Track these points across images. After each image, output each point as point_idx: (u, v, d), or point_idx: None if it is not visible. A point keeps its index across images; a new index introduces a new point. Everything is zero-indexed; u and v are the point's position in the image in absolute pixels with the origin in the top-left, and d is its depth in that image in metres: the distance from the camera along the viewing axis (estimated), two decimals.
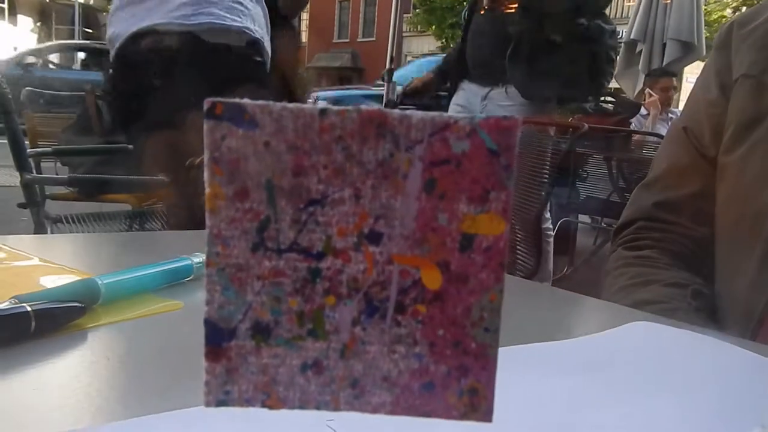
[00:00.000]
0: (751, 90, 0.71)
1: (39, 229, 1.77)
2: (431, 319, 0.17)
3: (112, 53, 1.43)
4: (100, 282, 0.44)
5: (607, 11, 2.35)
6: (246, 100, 0.16)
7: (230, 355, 0.17)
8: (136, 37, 1.37)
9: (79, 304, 0.40)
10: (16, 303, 0.37)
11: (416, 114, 0.16)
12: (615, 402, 0.33)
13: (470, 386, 0.18)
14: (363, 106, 0.16)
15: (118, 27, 1.40)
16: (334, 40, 29.79)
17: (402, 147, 0.17)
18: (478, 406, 0.18)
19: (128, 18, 1.38)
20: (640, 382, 0.36)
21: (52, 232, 1.75)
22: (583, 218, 3.57)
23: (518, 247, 1.98)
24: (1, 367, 0.34)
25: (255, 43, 1.43)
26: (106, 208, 1.95)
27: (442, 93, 2.70)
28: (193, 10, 1.35)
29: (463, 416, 0.18)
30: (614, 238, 0.88)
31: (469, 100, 2.33)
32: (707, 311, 0.72)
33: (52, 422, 0.29)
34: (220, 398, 0.17)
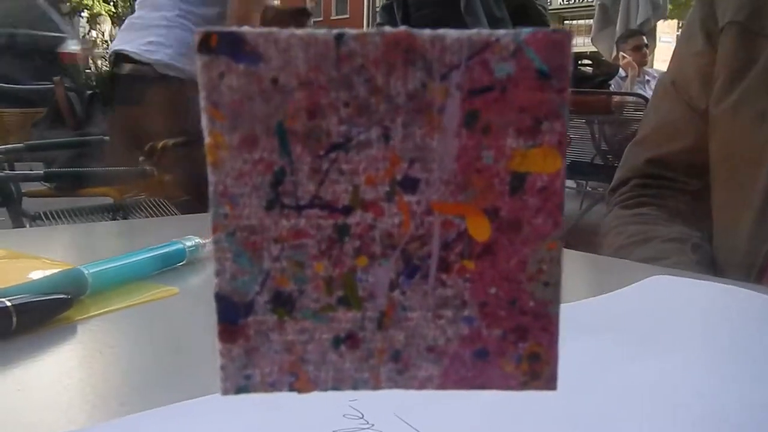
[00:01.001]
0: (738, 36, 0.70)
1: (17, 228, 1.72)
2: (481, 276, 0.15)
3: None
4: (86, 271, 0.41)
5: None
6: (246, 28, 0.14)
7: (248, 333, 0.15)
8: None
9: (65, 296, 0.37)
10: None
11: (450, 33, 0.14)
12: (648, 358, 0.31)
13: (530, 351, 0.15)
14: (387, 28, 0.14)
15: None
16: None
17: (436, 75, 0.14)
18: (540, 372, 0.15)
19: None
20: (669, 336, 0.34)
21: None
22: (569, 183, 3.57)
23: None
24: None
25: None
26: (86, 203, 1.90)
27: None
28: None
29: (523, 385, 0.15)
30: (609, 198, 0.87)
31: None
32: (707, 264, 0.71)
33: (43, 424, 0.26)
34: (240, 384, 0.15)
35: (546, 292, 0.15)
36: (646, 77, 4.04)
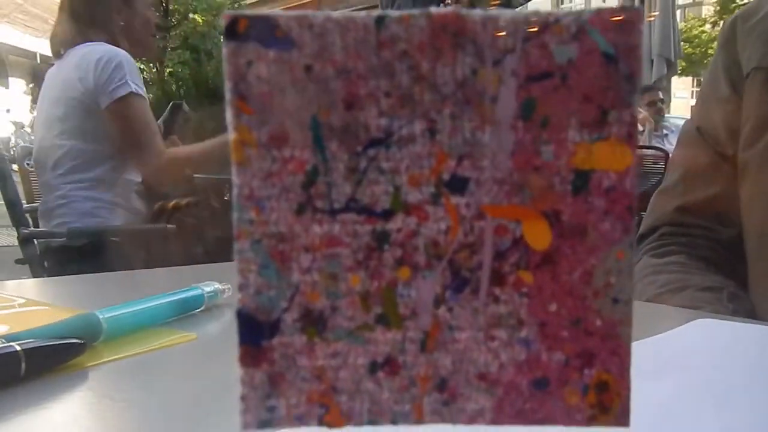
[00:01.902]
0: (765, 82, 0.69)
1: None
2: (540, 291, 0.13)
3: None
4: (101, 316, 0.39)
5: None
6: (278, 11, 0.12)
7: (273, 356, 0.13)
8: None
9: (78, 341, 0.35)
10: (4, 343, 0.33)
11: (504, 14, 0.12)
12: (701, 403, 0.28)
13: (598, 379, 0.13)
14: (434, 9, 0.12)
15: None
16: None
17: (488, 60, 0.12)
18: (610, 405, 0.13)
19: None
20: (719, 380, 0.31)
21: None
22: None
23: None
24: None
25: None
26: None
27: None
28: None
29: (591, 421, 0.13)
30: (637, 247, 0.85)
31: None
32: (745, 313, 0.68)
33: None
34: (262, 417, 0.13)
35: (615, 310, 0.13)
36: (664, 131, 4.05)
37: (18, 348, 0.32)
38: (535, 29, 0.12)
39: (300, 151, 0.13)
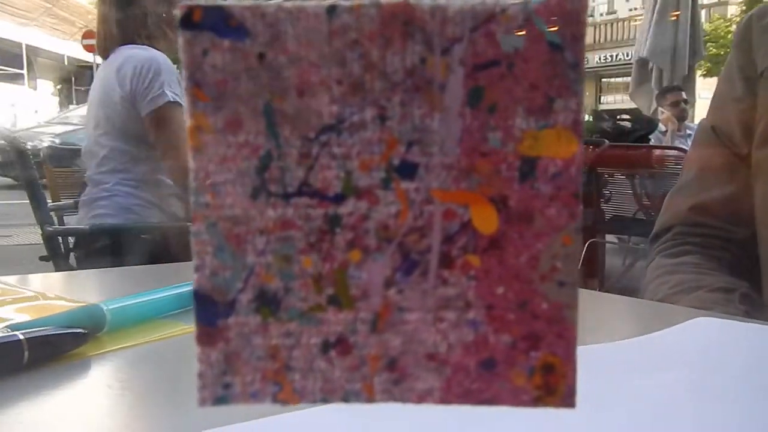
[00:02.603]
0: None
1: None
2: (487, 274, 0.13)
3: None
4: (105, 308, 0.40)
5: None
6: (231, 2, 0.13)
7: (229, 335, 0.13)
8: None
9: (81, 331, 0.36)
10: (8, 332, 0.34)
11: (452, 4, 0.13)
12: (692, 400, 0.28)
13: (544, 361, 0.13)
14: (384, 0, 0.13)
15: None
16: None
17: (437, 49, 0.13)
18: (555, 387, 0.13)
19: None
20: (709, 378, 0.31)
21: None
22: (610, 238, 3.50)
23: None
24: None
25: None
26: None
27: None
28: None
29: (537, 401, 0.13)
30: (650, 247, 0.84)
31: None
32: (757, 315, 0.67)
33: None
34: (218, 394, 0.13)
35: (561, 294, 0.13)
36: (687, 131, 3.99)
37: (21, 337, 0.33)
38: (483, 18, 0.13)
39: (254, 137, 0.13)
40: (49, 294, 0.51)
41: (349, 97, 0.13)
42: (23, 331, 0.33)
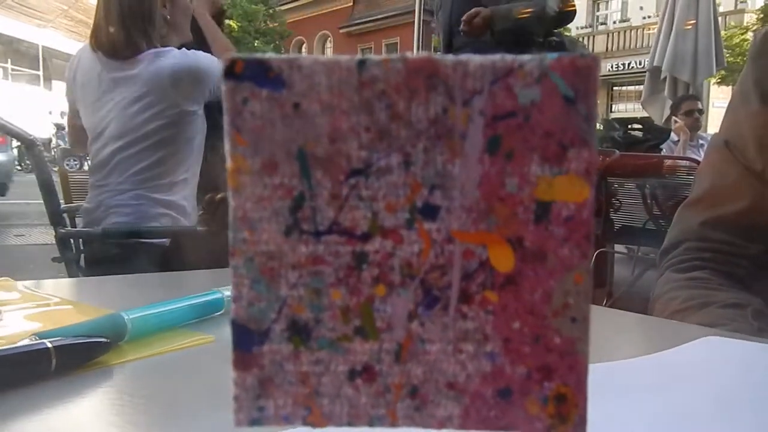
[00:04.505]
0: None
1: None
2: (504, 309, 0.14)
3: None
4: (126, 317, 0.41)
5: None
6: (271, 55, 0.14)
7: (263, 362, 0.14)
8: None
9: (104, 340, 0.38)
10: (36, 340, 0.35)
11: (473, 59, 0.14)
12: (701, 418, 0.29)
13: (556, 391, 0.14)
14: (409, 54, 0.14)
15: None
16: None
17: (458, 100, 0.14)
18: (567, 415, 0.14)
19: None
20: (721, 398, 0.32)
21: None
22: (619, 248, 3.49)
23: None
24: (20, 407, 0.31)
25: None
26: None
27: None
28: None
29: (550, 429, 0.14)
30: (660, 261, 0.84)
31: None
32: None
33: None
34: (252, 416, 0.14)
35: (573, 329, 0.14)
36: (700, 141, 3.97)
37: (49, 345, 0.34)
38: (502, 73, 0.14)
39: (288, 179, 0.14)
40: (72, 300, 0.52)
41: (377, 143, 0.14)
42: (50, 340, 0.35)
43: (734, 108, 0.81)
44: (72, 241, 1.85)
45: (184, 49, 1.48)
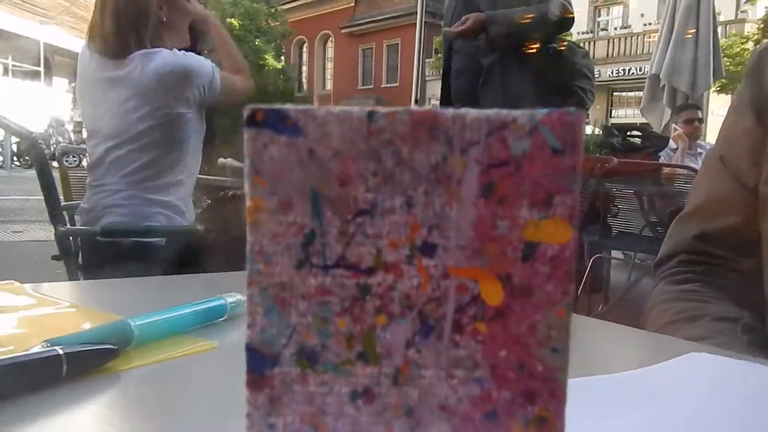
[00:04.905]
0: None
1: (72, 280, 1.78)
2: (492, 339, 0.16)
3: None
4: (132, 324, 0.43)
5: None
6: (288, 106, 0.15)
7: (274, 383, 0.16)
8: None
9: (112, 347, 0.39)
10: (48, 346, 0.36)
11: (471, 113, 0.15)
12: None
13: (538, 415, 0.16)
14: (414, 107, 0.15)
15: None
16: (358, 87, 30.30)
17: (456, 149, 0.15)
18: None
19: None
20: (701, 415, 0.33)
21: None
22: (616, 254, 3.51)
23: None
24: (33, 411, 0.33)
25: None
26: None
27: None
28: None
29: None
30: (654, 273, 0.85)
31: None
32: (760, 346, 0.68)
33: None
34: (263, 431, 0.16)
35: (554, 359, 0.16)
36: (698, 149, 3.99)
37: (60, 352, 0.35)
38: (497, 126, 0.15)
39: (301, 217, 0.16)
40: (78, 304, 0.54)
41: (382, 186, 0.15)
42: (61, 346, 0.36)
43: (730, 123, 0.82)
44: (71, 239, 1.86)
45: (174, 50, 1.49)
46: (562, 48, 2.25)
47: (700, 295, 0.76)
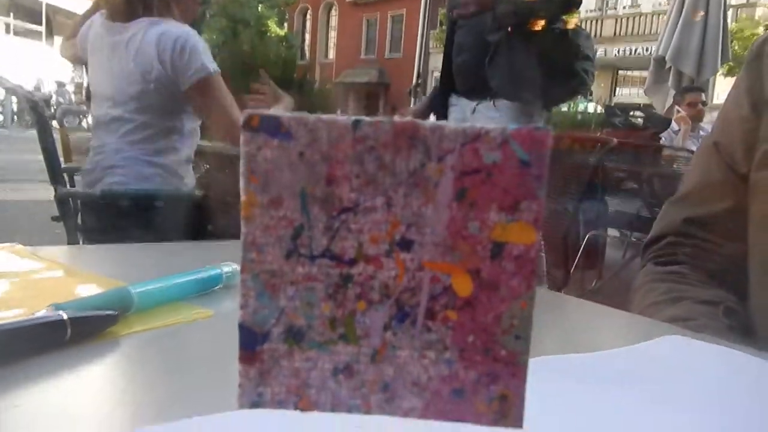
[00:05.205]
0: None
1: (72, 241, 1.81)
2: (461, 326, 0.17)
3: None
4: (132, 291, 0.45)
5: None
6: (281, 112, 0.17)
7: (263, 358, 0.18)
8: None
9: (114, 312, 0.41)
10: (53, 311, 0.38)
11: (448, 125, 0.17)
12: (643, 414, 0.32)
13: (500, 393, 0.18)
14: (396, 117, 0.17)
15: None
16: (361, 56, 30.02)
17: (434, 157, 0.17)
18: (508, 412, 0.18)
19: None
20: (668, 395, 0.35)
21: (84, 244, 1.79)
22: (612, 232, 3.53)
23: (546, 260, 1.98)
24: (38, 374, 0.35)
25: None
26: None
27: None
28: None
29: (493, 423, 0.18)
30: (644, 253, 0.87)
31: (463, 115, 2.37)
32: (740, 329, 0.70)
33: (90, 428, 0.29)
34: (253, 400, 0.18)
35: (516, 344, 0.17)
36: (701, 132, 3.99)
37: (65, 317, 0.37)
38: (471, 138, 0.17)
39: (291, 213, 0.17)
40: (79, 270, 0.56)
41: (364, 188, 0.17)
42: (65, 311, 0.38)
43: (726, 110, 0.83)
44: (71, 200, 1.88)
45: (181, 23, 1.50)
46: (569, 28, 2.24)
47: (685, 278, 0.78)
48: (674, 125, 3.99)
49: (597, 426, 0.31)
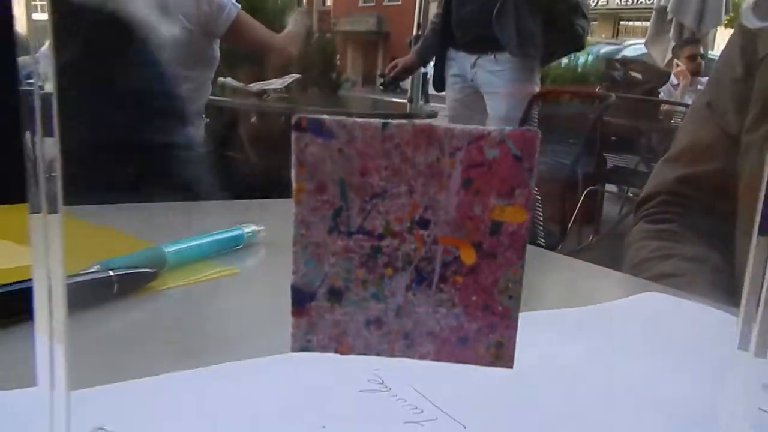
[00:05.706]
0: None
1: None
2: (467, 288, 0.22)
3: None
4: (166, 250, 0.49)
5: None
6: (325, 116, 0.21)
7: (311, 313, 0.22)
8: None
9: (152, 270, 0.46)
10: (100, 268, 0.43)
11: (458, 127, 0.21)
12: (617, 365, 0.37)
13: (496, 341, 0.22)
14: (417, 121, 0.21)
15: None
16: (359, 4, 29.44)
17: (447, 153, 0.21)
18: (502, 355, 0.22)
19: None
20: (641, 348, 0.40)
21: None
22: (611, 188, 3.57)
23: (542, 218, 2.02)
24: (93, 323, 0.40)
25: None
26: None
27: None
28: None
29: (491, 363, 0.23)
30: (636, 211, 0.90)
31: (462, 69, 2.36)
32: (725, 287, 0.74)
33: (137, 369, 0.34)
34: (303, 345, 0.23)
35: (510, 303, 0.22)
36: (699, 86, 3.97)
37: (112, 273, 0.42)
38: (476, 137, 0.21)
39: (332, 197, 0.22)
40: (115, 230, 0.60)
41: (391, 178, 0.21)
42: (111, 269, 0.43)
43: (719, 71, 0.85)
44: None
45: None
46: None
47: (675, 235, 0.82)
48: (673, 79, 3.98)
49: (569, 369, 0.36)
